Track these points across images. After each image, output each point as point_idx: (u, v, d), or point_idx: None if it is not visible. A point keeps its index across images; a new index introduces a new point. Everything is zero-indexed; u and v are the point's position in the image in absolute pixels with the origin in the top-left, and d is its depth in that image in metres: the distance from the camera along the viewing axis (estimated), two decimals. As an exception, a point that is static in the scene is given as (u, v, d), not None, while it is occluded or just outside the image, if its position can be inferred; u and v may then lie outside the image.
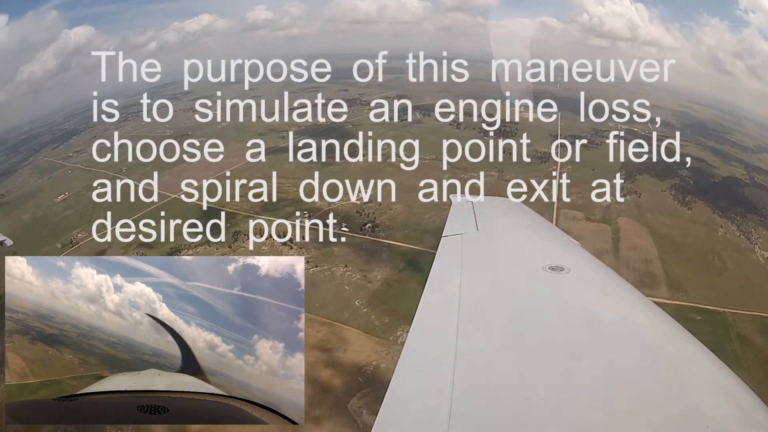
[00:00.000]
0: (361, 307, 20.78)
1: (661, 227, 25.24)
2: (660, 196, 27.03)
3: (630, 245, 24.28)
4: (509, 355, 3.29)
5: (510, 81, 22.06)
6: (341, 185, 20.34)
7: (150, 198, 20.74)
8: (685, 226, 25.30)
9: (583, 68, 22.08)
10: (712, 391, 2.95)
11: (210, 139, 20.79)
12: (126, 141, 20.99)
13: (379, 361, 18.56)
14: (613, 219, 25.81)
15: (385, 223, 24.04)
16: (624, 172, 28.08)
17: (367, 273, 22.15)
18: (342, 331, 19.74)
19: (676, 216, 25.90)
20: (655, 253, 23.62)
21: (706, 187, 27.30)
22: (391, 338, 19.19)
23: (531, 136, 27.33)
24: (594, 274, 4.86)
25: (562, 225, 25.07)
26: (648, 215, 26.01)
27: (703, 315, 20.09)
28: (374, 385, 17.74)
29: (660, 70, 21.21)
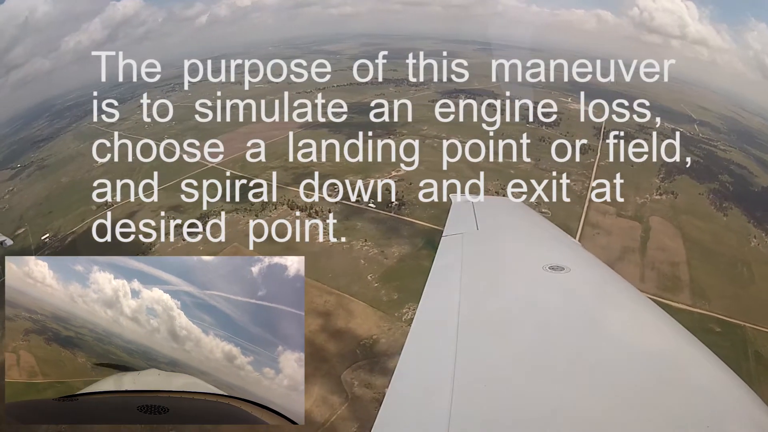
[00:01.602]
0: (372, 282, 20.95)
1: (694, 230, 24.74)
2: (697, 198, 26.45)
3: (658, 245, 23.91)
4: (509, 355, 3.30)
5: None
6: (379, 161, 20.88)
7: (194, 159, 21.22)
8: (718, 231, 24.70)
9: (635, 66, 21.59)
10: (712, 391, 2.96)
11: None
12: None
13: (380, 335, 18.71)
14: (646, 217, 25.35)
15: (412, 201, 24.01)
16: (663, 171, 27.77)
17: (384, 249, 22.29)
18: (349, 303, 19.94)
19: (710, 220, 25.31)
20: (683, 256, 23.17)
21: (744, 195, 26.62)
22: (396, 314, 19.29)
23: (575, 129, 27.22)
24: (594, 274, 4.84)
25: (592, 219, 24.89)
26: (682, 217, 25.50)
27: (723, 327, 19.68)
28: (371, 358, 17.94)
29: (660, 70, 20.63)
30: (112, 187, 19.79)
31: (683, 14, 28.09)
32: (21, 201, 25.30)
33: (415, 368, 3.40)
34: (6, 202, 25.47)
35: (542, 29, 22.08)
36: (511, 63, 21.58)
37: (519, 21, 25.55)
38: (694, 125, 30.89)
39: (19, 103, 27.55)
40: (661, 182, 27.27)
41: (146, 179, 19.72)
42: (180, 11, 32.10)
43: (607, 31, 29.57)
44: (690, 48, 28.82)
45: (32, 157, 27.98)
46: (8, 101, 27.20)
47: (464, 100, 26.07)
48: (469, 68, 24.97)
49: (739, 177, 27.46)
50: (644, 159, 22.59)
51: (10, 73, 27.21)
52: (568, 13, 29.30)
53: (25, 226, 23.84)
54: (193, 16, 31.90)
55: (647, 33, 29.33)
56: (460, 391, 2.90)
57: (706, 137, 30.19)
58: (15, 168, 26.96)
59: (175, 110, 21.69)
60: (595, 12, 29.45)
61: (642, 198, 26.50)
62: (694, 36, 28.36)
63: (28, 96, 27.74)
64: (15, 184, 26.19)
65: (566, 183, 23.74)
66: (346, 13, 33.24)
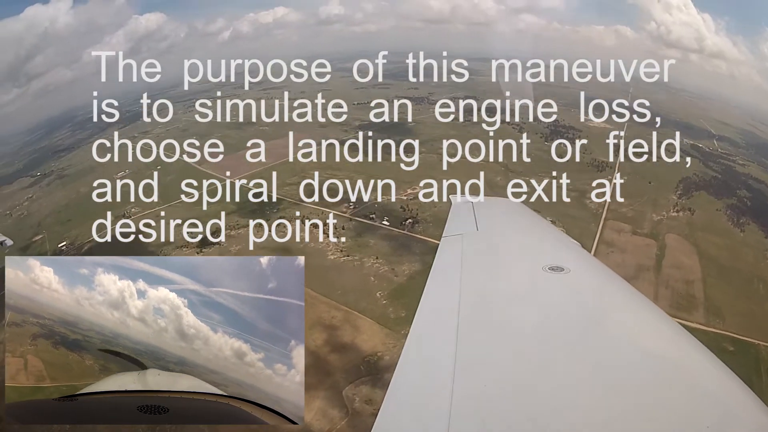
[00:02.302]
0: (381, 299, 21.00)
1: (710, 247, 24.34)
2: (714, 215, 26.06)
3: (674, 263, 23.58)
4: (509, 355, 3.31)
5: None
6: (392, 182, 21.00)
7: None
8: (735, 248, 24.28)
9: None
10: (712, 391, 2.96)
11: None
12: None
13: (384, 352, 18.80)
14: (662, 234, 25.06)
15: (426, 219, 24.09)
16: (681, 187, 27.47)
17: (395, 266, 22.32)
18: (356, 319, 20.02)
19: (727, 237, 24.90)
20: (699, 274, 22.80)
21: (762, 210, 26.13)
22: (403, 332, 18.95)
23: (592, 142, 26.96)
24: (594, 275, 4.84)
25: (606, 237, 24.66)
26: (698, 234, 25.11)
27: (737, 346, 19.34)
28: (374, 374, 18.00)
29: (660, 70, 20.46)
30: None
31: (700, 27, 27.87)
32: (40, 208, 25.75)
33: (415, 368, 3.43)
34: (25, 208, 25.93)
35: (564, 45, 21.92)
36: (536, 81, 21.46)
37: (541, 37, 25.47)
38: (713, 140, 30.55)
39: (41, 111, 28.15)
40: (679, 198, 26.98)
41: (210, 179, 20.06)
42: (202, 26, 32.53)
43: (626, 47, 29.33)
44: (709, 62, 28.50)
45: (53, 165, 28.47)
46: (30, 110, 27.84)
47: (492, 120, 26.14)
48: (489, 86, 24.92)
49: (757, 192, 27.06)
50: (660, 171, 22.38)
51: (32, 82, 27.74)
52: (588, 30, 29.15)
53: (42, 233, 24.24)
54: (216, 32, 32.34)
55: (665, 47, 29.07)
56: (460, 391, 2.90)
57: (725, 152, 29.84)
58: (35, 176, 27.48)
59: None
60: (614, 28, 29.29)
61: (659, 215, 26.24)
62: (712, 49, 28.14)
63: (51, 105, 28.31)
64: (35, 191, 26.69)
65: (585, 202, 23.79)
66: (370, 31, 33.49)
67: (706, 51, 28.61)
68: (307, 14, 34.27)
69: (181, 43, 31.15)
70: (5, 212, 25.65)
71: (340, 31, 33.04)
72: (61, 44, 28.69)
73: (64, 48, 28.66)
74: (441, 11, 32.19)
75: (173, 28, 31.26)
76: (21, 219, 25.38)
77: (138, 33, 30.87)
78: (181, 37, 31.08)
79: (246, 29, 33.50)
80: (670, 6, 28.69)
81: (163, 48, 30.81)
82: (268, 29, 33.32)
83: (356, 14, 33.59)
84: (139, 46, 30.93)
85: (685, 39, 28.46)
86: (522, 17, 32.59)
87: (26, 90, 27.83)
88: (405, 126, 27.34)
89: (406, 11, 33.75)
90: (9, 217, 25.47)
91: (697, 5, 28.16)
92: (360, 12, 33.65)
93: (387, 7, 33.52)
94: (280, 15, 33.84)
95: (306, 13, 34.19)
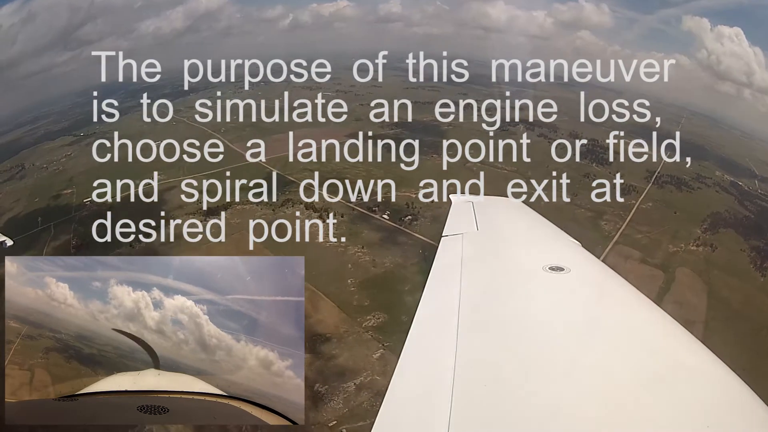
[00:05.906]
0: (350, 286, 21.23)
1: (723, 288, 22.90)
2: (737, 255, 24.37)
3: (678, 299, 22.36)
4: (509, 355, 3.32)
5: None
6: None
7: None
8: (750, 293, 22.69)
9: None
10: (713, 391, 3.00)
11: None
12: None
13: (333, 334, 19.06)
14: (672, 267, 23.79)
15: (426, 217, 23.97)
16: (709, 221, 26.01)
17: (377, 258, 22.47)
18: (319, 299, 20.22)
19: (744, 279, 23.30)
20: (703, 316, 21.57)
21: (789, 258, 24.47)
22: (359, 320, 19.63)
23: (626, 169, 25.92)
24: (594, 274, 4.88)
25: (609, 261, 23.73)
26: (714, 272, 23.66)
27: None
28: (315, 353, 18.35)
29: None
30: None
31: (750, 60, 26.26)
32: (75, 166, 27.38)
33: (415, 368, 3.46)
34: (61, 164, 27.72)
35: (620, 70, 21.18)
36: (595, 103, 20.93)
37: (598, 58, 24.74)
38: (754, 180, 28.69)
39: (94, 77, 29.98)
40: (703, 233, 25.51)
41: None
42: (260, 12, 33.55)
43: (682, 76, 28.09)
44: (761, 100, 26.87)
45: (96, 128, 30.19)
46: (81, 73, 29.42)
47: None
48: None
49: (789, 237, 25.25)
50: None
51: (83, 48, 29.52)
52: (647, 55, 28.00)
53: (72, 188, 25.98)
54: (275, 18, 33.29)
55: (717, 79, 27.65)
56: (460, 391, 2.92)
57: (763, 193, 27.95)
58: (78, 135, 29.22)
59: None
60: (673, 55, 28.05)
61: (676, 246, 24.93)
62: (760, 84, 26.42)
63: (104, 72, 30.13)
64: (74, 149, 28.35)
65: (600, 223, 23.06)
66: (431, 34, 33.48)
67: (754, 86, 26.92)
68: (366, 10, 34.67)
69: (240, 25, 32.17)
70: (42, 165, 27.57)
71: (401, 30, 33.23)
72: (114, 15, 30.33)
73: (118, 19, 30.27)
74: (497, 20, 31.75)
75: (234, 11, 32.31)
76: (55, 174, 27.21)
77: (198, 11, 32.13)
78: (239, 19, 32.08)
79: (306, 18, 34.22)
80: (722, 35, 27.16)
81: (223, 28, 32.02)
82: (328, 21, 33.96)
83: (414, 15, 33.69)
84: (198, 24, 32.19)
85: (735, 71, 26.88)
86: (580, 35, 31.65)
87: (79, 54, 29.57)
88: (440, 128, 27.20)
89: (464, 17, 33.55)
90: (45, 170, 27.37)
91: (749, 38, 26.49)
92: (419, 13, 33.73)
93: (445, 11, 33.38)
94: (341, 7, 34.42)
95: (365, 9, 34.58)
